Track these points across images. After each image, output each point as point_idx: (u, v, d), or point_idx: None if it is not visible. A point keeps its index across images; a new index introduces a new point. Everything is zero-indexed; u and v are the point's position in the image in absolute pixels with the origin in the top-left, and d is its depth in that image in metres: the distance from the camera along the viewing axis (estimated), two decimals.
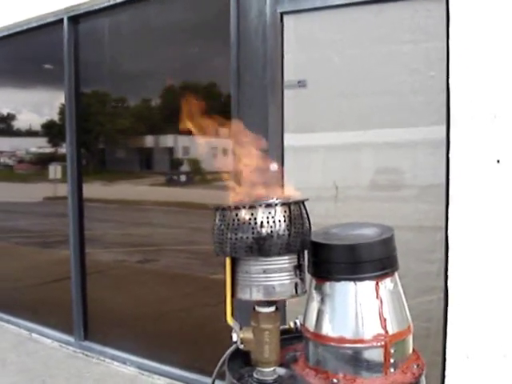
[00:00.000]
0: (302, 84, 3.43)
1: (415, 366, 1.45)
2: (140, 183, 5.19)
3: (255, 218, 1.37)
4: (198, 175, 4.77)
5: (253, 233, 1.37)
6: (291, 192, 1.56)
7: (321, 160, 3.50)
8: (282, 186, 1.63)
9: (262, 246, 1.37)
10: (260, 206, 1.38)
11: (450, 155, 2.77)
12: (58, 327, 5.25)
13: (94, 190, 5.20)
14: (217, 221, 1.45)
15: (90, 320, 5.02)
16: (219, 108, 4.03)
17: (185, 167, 4.92)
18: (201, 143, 1.75)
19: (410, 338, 1.49)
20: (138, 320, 4.76)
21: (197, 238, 4.66)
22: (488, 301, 2.67)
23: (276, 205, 1.39)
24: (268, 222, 1.37)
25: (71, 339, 5.04)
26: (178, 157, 4.95)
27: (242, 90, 3.59)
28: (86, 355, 4.84)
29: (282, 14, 3.45)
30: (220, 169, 1.69)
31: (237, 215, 1.39)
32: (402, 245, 3.07)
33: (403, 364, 1.44)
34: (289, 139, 3.50)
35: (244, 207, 1.39)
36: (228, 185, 1.57)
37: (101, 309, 5.00)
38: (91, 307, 5.01)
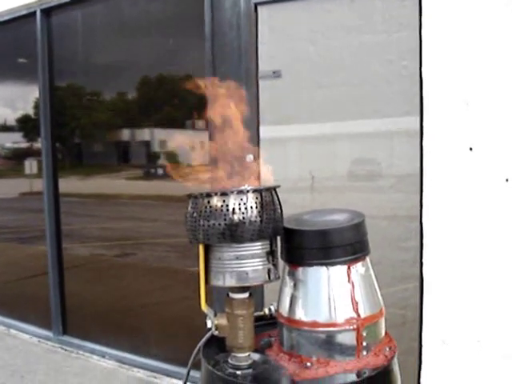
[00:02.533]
0: (276, 74, 3.44)
1: (387, 349, 1.47)
2: (117, 177, 5.16)
3: (227, 205, 1.38)
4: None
5: (225, 219, 1.38)
6: (266, 176, 1.58)
7: (297, 151, 3.51)
8: (257, 175, 1.64)
9: (235, 233, 1.38)
10: (232, 192, 1.39)
11: (424, 144, 2.80)
12: (36, 322, 5.23)
13: (70, 184, 5.17)
14: (189, 208, 1.46)
15: (69, 314, 5.00)
16: (195, 100, 4.02)
17: (162, 160, 4.90)
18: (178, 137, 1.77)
19: (383, 321, 1.51)
20: (117, 313, 4.76)
21: (175, 231, 4.65)
22: (462, 287, 2.70)
23: (247, 191, 1.40)
24: (240, 209, 1.38)
25: (50, 334, 5.02)
26: (154, 150, 4.92)
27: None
28: (65, 350, 4.81)
29: (256, 5, 3.44)
30: (197, 162, 1.70)
31: (209, 202, 1.40)
32: (378, 233, 3.12)
33: (376, 347, 1.46)
34: (264, 131, 3.51)
35: (216, 194, 1.39)
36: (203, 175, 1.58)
37: (79, 303, 4.98)
38: (69, 302, 4.99)
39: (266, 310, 1.65)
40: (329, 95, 3.33)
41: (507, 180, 2.56)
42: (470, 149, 2.65)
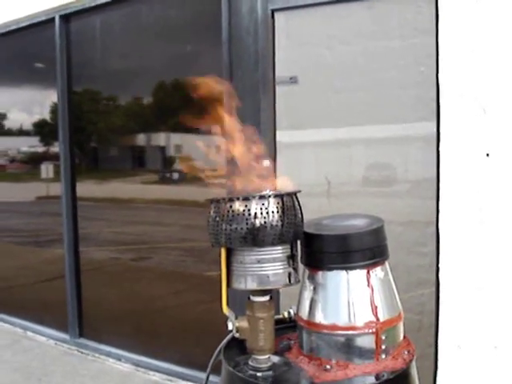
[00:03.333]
0: (293, 80, 3.46)
1: (406, 352, 1.48)
2: (132, 181, 5.20)
3: (249, 210, 1.40)
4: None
5: (247, 224, 1.40)
6: (284, 184, 1.60)
7: (313, 156, 3.53)
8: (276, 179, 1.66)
9: (256, 237, 1.40)
10: (253, 197, 1.41)
11: (441, 150, 2.80)
12: (53, 325, 5.28)
13: (86, 188, 5.21)
14: (212, 212, 1.48)
15: (85, 317, 5.04)
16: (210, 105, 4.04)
17: (177, 165, 4.93)
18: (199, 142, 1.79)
19: (401, 325, 1.52)
20: (133, 317, 4.79)
21: (190, 236, 4.68)
22: (479, 293, 2.70)
23: (269, 196, 1.42)
24: (261, 213, 1.40)
25: (66, 337, 5.07)
26: (170, 155, 4.96)
27: (234, 86, 3.62)
28: (82, 352, 4.86)
29: (273, 11, 3.48)
30: (213, 166, 1.72)
31: (231, 207, 1.42)
32: (394, 239, 3.12)
33: (394, 350, 1.47)
34: (281, 136, 3.53)
35: (238, 199, 1.42)
36: (221, 181, 1.61)
37: (95, 306, 5.02)
38: (86, 305, 5.04)
39: (286, 314, 1.67)
40: (345, 100, 3.34)
41: None
42: (487, 155, 2.66)
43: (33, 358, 4.77)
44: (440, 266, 2.83)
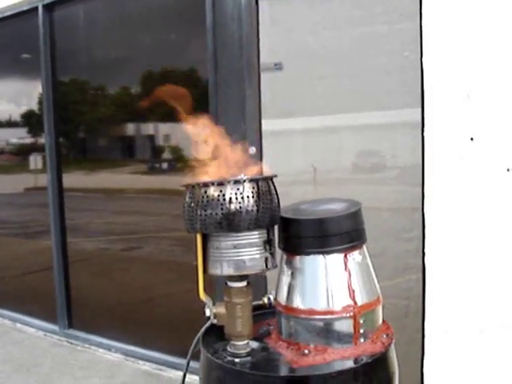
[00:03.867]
0: (278, 67, 3.44)
1: (385, 336, 1.49)
2: (121, 171, 5.18)
3: (224, 195, 1.40)
4: (180, 162, 4.77)
5: (222, 209, 1.39)
6: (261, 170, 1.59)
7: (299, 144, 3.52)
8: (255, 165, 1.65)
9: (232, 222, 1.39)
10: (228, 182, 1.40)
11: (425, 135, 2.80)
12: (42, 316, 5.26)
13: (75, 179, 5.19)
14: (187, 198, 1.47)
15: (74, 308, 5.03)
16: (199, 93, 4.03)
17: (166, 155, 4.91)
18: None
19: (380, 309, 1.52)
20: (123, 307, 4.79)
21: (180, 225, 4.66)
22: (465, 277, 2.70)
23: (244, 181, 1.41)
24: (236, 198, 1.39)
25: (56, 328, 5.05)
26: (159, 144, 4.94)
27: (219, 73, 3.60)
28: (71, 343, 4.85)
29: None
30: (200, 156, 1.71)
31: (206, 192, 1.41)
32: (381, 225, 3.12)
33: (373, 334, 1.47)
34: (267, 123, 3.52)
35: (213, 184, 1.41)
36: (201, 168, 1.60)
37: (84, 297, 5.01)
38: (75, 296, 5.02)
39: (265, 299, 1.66)
40: (330, 87, 3.33)
41: (508, 170, 2.55)
42: (471, 139, 2.65)
43: (22, 350, 4.76)
44: (426, 251, 2.83)
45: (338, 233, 1.45)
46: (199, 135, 1.64)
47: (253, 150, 3.41)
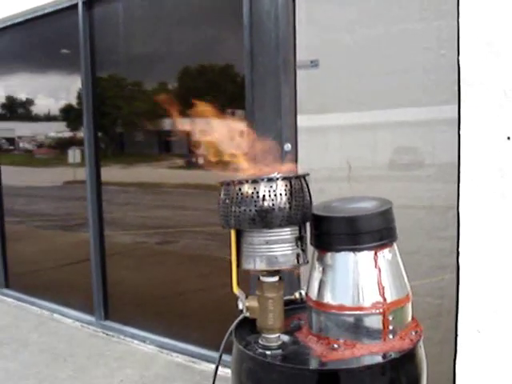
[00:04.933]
0: (314, 64, 3.46)
1: (413, 333, 1.50)
2: (158, 166, 5.24)
3: (257, 192, 1.43)
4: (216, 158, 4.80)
5: (255, 206, 1.43)
6: (294, 168, 1.62)
7: (334, 140, 3.53)
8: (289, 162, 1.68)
9: (264, 219, 1.43)
10: (262, 180, 1.44)
11: (461, 133, 2.78)
12: (78, 307, 5.37)
13: (112, 173, 5.28)
14: (222, 195, 1.52)
15: (110, 300, 5.12)
16: (234, 89, 4.07)
17: (202, 150, 4.94)
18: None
19: (409, 306, 1.54)
20: (158, 299, 4.85)
21: (215, 220, 4.70)
22: (499, 277, 2.69)
23: (277, 179, 1.44)
24: (270, 196, 1.43)
25: (92, 319, 5.15)
26: (195, 139, 4.97)
27: (255, 70, 3.63)
28: (107, 334, 4.94)
29: None
30: (236, 151, 1.75)
31: (240, 189, 1.45)
32: (416, 223, 3.11)
33: (402, 331, 1.49)
34: (302, 120, 3.53)
35: (247, 182, 1.45)
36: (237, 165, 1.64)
37: (120, 289, 5.10)
38: (111, 288, 5.12)
39: (297, 294, 1.70)
40: (367, 84, 3.33)
41: None
42: (508, 138, 2.63)
43: (59, 340, 4.87)
44: (460, 250, 2.82)
45: (369, 231, 1.47)
46: (234, 131, 1.68)
47: (288, 146, 3.43)
